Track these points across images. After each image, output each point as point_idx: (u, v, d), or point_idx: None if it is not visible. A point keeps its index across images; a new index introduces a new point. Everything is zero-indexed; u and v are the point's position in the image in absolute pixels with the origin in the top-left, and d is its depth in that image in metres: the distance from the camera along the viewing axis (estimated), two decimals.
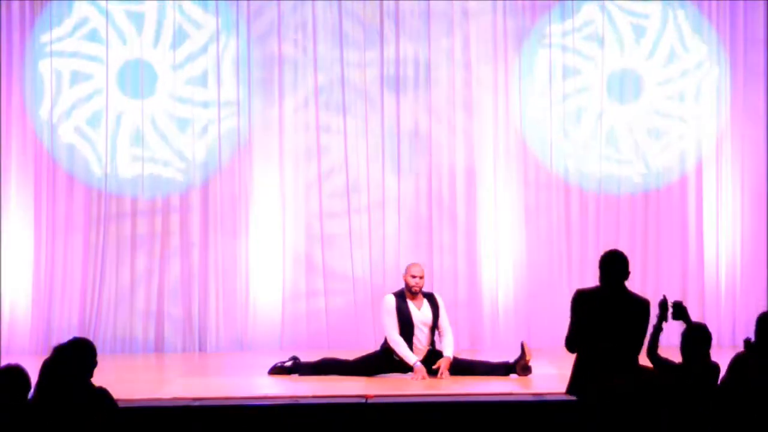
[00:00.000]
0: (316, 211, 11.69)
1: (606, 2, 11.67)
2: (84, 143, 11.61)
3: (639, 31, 11.71)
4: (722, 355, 6.57)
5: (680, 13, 11.71)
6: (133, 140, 11.61)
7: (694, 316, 11.36)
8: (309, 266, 11.66)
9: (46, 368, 5.87)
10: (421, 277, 9.40)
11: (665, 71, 11.73)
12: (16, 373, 5.93)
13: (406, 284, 9.42)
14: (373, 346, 10.57)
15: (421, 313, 9.40)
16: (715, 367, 6.31)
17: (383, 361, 9.41)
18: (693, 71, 11.73)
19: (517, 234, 11.69)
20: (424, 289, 9.56)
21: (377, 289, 11.43)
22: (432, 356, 9.40)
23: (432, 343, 9.49)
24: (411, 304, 9.40)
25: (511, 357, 9.44)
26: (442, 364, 9.25)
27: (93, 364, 6.07)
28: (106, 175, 11.55)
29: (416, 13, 11.68)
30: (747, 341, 6.46)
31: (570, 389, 6.57)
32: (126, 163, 11.61)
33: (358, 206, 11.69)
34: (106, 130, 11.56)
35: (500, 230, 11.67)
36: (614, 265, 6.62)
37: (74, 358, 6.00)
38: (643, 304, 6.60)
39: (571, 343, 6.55)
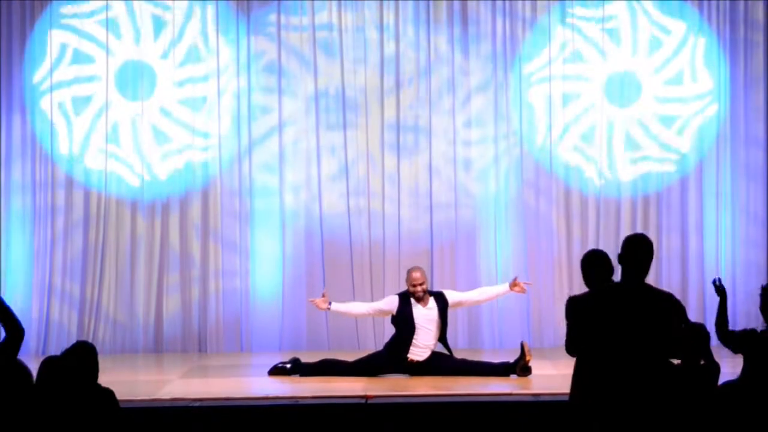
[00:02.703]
0: (316, 213, 11.69)
1: (608, 5, 11.69)
2: (79, 146, 11.62)
3: (636, 35, 11.70)
4: (722, 354, 6.57)
5: (678, 18, 11.73)
6: (132, 141, 11.61)
7: (694, 316, 11.48)
8: (309, 266, 11.65)
9: (47, 368, 5.86)
10: (422, 284, 9.43)
11: (661, 71, 11.72)
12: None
13: (410, 292, 9.45)
14: (373, 347, 10.59)
15: (426, 310, 9.42)
16: (716, 367, 6.29)
17: (384, 361, 9.42)
18: (691, 69, 11.73)
19: (518, 235, 11.68)
20: (433, 289, 9.63)
21: (377, 290, 11.43)
22: (434, 358, 9.41)
23: (441, 339, 9.48)
24: (415, 304, 9.42)
25: (511, 358, 9.45)
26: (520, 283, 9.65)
27: (95, 366, 6.07)
28: (105, 175, 11.56)
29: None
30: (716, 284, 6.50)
31: (574, 396, 6.53)
32: (126, 163, 11.61)
33: (357, 208, 11.69)
34: (105, 131, 11.55)
35: (500, 232, 11.67)
36: (596, 266, 6.54)
37: (75, 362, 6.00)
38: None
39: (569, 347, 6.51)
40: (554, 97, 11.67)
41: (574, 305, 6.42)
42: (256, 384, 9.49)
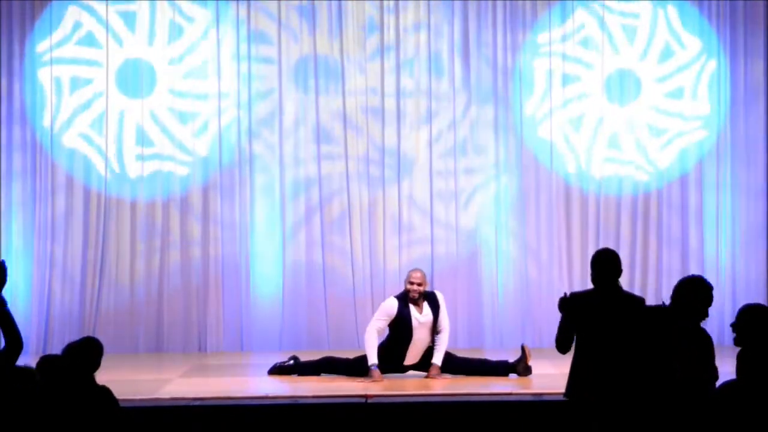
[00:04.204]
0: (316, 211, 11.68)
1: (596, 5, 11.67)
2: (83, 144, 11.61)
3: (632, 31, 11.70)
4: (722, 355, 6.55)
5: (672, 10, 11.70)
6: (132, 140, 11.60)
7: None
8: (309, 266, 11.65)
9: (49, 364, 5.86)
10: (420, 284, 9.33)
11: (662, 69, 11.72)
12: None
13: (406, 290, 9.41)
14: None
15: (422, 316, 9.36)
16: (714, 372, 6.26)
17: (382, 360, 9.38)
18: (690, 68, 11.72)
19: (518, 235, 11.68)
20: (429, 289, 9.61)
21: (377, 290, 11.43)
22: (431, 353, 9.40)
23: (433, 341, 9.46)
24: (413, 309, 9.36)
25: (511, 357, 9.45)
26: (432, 374, 9.23)
27: (97, 362, 6.08)
28: (105, 174, 11.55)
29: None
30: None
31: (567, 393, 6.58)
32: (125, 162, 11.61)
33: (358, 207, 11.69)
34: (105, 130, 11.55)
35: (501, 231, 11.66)
36: (607, 263, 6.56)
37: (79, 356, 6.01)
38: (637, 302, 6.56)
39: (559, 344, 6.56)
40: (555, 98, 11.66)
41: (574, 301, 6.46)
42: (256, 384, 9.48)
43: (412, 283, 9.33)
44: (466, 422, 7.85)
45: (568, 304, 6.49)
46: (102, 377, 6.15)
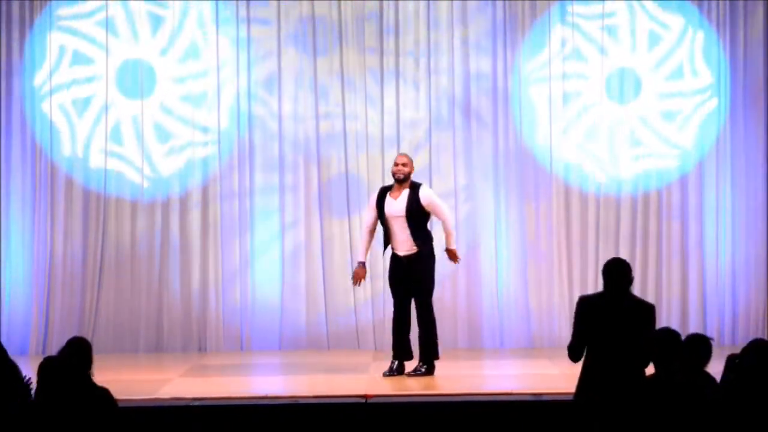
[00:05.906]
0: (316, 209, 11.68)
1: (597, 3, 11.66)
2: (82, 146, 11.60)
3: (635, 32, 11.68)
4: (722, 355, 6.54)
5: (677, 13, 11.70)
6: (131, 141, 11.59)
7: (695, 316, 11.46)
8: (309, 266, 11.64)
9: (45, 368, 5.86)
10: (404, 164, 9.35)
11: (663, 69, 11.70)
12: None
13: (393, 173, 9.40)
14: (372, 347, 10.59)
15: (396, 202, 9.33)
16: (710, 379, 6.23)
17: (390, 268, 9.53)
18: (691, 68, 11.71)
19: (518, 235, 11.66)
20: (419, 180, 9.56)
21: (377, 289, 11.41)
22: (415, 261, 9.39)
23: (413, 235, 9.36)
24: (388, 196, 9.36)
25: (511, 357, 9.46)
26: (451, 258, 9.55)
27: (89, 362, 6.07)
28: (105, 175, 11.54)
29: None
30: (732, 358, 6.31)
31: (577, 396, 6.57)
32: (125, 163, 11.60)
33: (357, 206, 11.67)
34: (105, 132, 11.53)
35: (500, 231, 11.65)
36: (618, 272, 6.55)
37: (71, 357, 6.01)
38: (647, 309, 6.55)
39: (571, 351, 6.54)
40: (554, 96, 11.65)
41: (583, 305, 6.46)
42: (256, 384, 9.49)
43: (396, 164, 9.38)
44: (466, 422, 7.85)
45: (579, 308, 6.48)
46: (102, 377, 6.15)
